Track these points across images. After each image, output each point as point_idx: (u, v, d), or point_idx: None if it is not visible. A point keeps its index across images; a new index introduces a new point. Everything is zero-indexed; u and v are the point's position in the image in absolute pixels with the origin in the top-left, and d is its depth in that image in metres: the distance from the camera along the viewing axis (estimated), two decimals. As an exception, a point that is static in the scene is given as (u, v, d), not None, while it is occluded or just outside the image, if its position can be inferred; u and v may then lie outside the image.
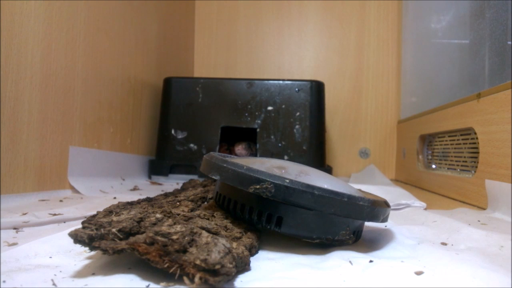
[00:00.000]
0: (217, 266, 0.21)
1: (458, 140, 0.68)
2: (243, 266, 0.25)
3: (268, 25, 1.25)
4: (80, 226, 0.26)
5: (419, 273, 0.25)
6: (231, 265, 0.21)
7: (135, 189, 0.73)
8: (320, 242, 0.31)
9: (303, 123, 0.92)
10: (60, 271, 0.25)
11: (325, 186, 0.31)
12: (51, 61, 0.59)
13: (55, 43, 0.60)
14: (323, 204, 0.28)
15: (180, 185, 0.70)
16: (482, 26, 0.67)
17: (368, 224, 0.40)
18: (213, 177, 0.32)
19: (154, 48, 0.98)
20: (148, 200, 0.40)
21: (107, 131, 0.77)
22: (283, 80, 0.93)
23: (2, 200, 0.49)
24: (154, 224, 0.26)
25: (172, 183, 0.87)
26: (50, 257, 0.28)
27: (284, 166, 0.34)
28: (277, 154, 0.91)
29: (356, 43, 1.22)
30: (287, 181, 0.28)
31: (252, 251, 0.29)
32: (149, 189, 0.74)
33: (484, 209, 0.53)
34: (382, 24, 1.21)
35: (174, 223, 0.26)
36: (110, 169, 0.77)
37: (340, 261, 0.28)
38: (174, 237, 0.23)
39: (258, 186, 0.28)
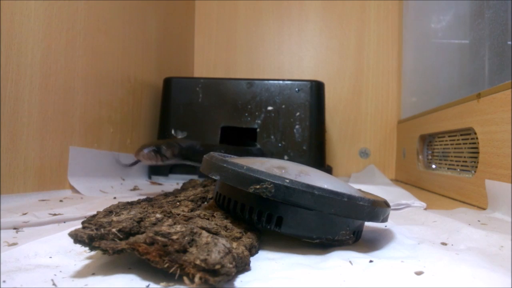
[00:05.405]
0: (217, 266, 0.21)
1: (458, 140, 0.68)
2: (243, 266, 0.25)
3: (268, 25, 1.25)
4: (80, 226, 0.26)
5: (419, 273, 0.25)
6: (231, 265, 0.22)
7: (135, 189, 0.73)
8: (320, 242, 0.31)
9: (303, 123, 0.92)
10: (60, 271, 0.25)
11: (325, 186, 0.31)
12: (51, 61, 0.59)
13: (55, 43, 0.60)
14: (323, 204, 0.28)
15: (180, 185, 0.70)
16: (482, 26, 0.67)
17: (368, 224, 0.40)
18: (213, 177, 0.32)
19: (154, 48, 0.98)
20: (148, 200, 0.40)
21: (107, 131, 0.77)
22: (283, 80, 0.93)
23: (2, 200, 0.49)
24: (154, 224, 0.26)
25: (172, 183, 0.87)
26: (50, 257, 0.28)
27: (284, 166, 0.34)
28: (277, 154, 0.91)
29: (356, 43, 1.21)
30: (287, 181, 0.28)
31: (252, 251, 0.29)
32: (149, 189, 0.74)
33: (484, 209, 0.53)
34: (382, 24, 1.20)
35: (174, 223, 0.26)
36: (110, 169, 0.77)
37: (340, 261, 0.28)
38: (174, 237, 0.23)
39: (258, 186, 0.28)
